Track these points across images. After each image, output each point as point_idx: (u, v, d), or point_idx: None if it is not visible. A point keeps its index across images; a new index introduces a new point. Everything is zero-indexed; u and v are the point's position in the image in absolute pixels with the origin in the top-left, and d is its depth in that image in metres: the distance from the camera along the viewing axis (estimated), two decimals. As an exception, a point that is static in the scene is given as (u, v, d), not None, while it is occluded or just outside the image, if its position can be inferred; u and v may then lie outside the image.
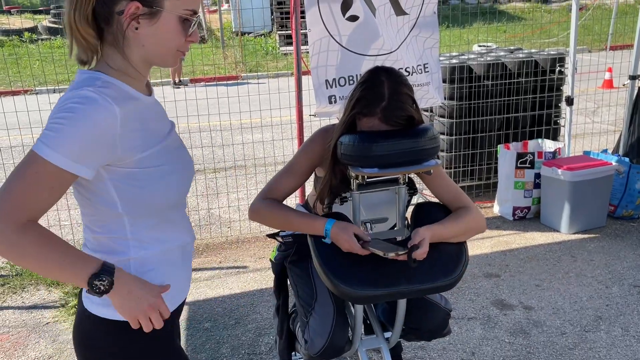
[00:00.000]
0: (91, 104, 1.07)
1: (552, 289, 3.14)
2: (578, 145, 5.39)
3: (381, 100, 1.58)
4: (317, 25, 3.33)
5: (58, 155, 1.06)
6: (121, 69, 1.19)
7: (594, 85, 8.07)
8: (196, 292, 3.27)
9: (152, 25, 1.15)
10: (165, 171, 1.22)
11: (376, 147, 1.53)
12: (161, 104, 1.37)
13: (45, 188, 1.08)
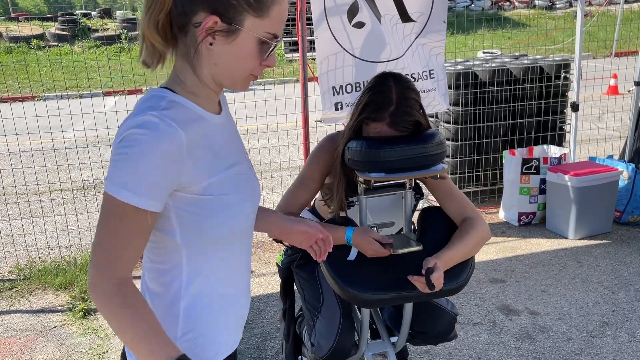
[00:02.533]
0: (155, 132, 0.98)
1: (558, 294, 3.14)
2: (583, 151, 5.39)
3: (389, 106, 1.60)
4: (326, 37, 3.35)
5: (129, 194, 0.98)
6: (191, 84, 1.10)
7: (598, 91, 8.07)
8: (203, 296, 3.29)
9: (229, 43, 1.04)
10: (230, 201, 1.11)
11: (384, 153, 1.55)
12: (235, 122, 1.26)
13: (133, 232, 1.00)
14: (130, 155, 0.97)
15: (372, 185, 1.74)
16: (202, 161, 1.07)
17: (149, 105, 1.03)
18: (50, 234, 4.25)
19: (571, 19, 18.72)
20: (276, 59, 1.13)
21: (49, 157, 6.10)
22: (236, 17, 1.02)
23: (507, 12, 20.80)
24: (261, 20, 1.04)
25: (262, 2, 1.02)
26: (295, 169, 5.52)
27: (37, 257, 3.86)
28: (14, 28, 16.58)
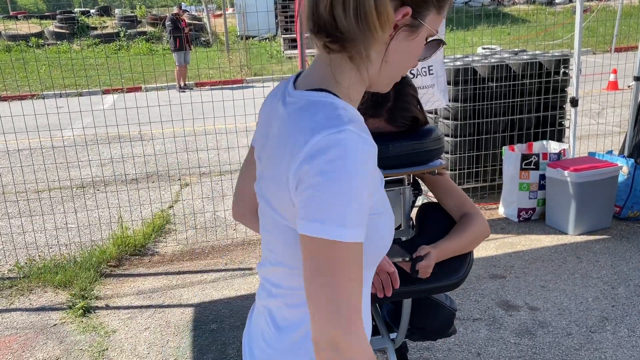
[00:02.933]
0: (354, 151, 0.82)
1: (558, 289, 3.14)
2: (583, 147, 5.39)
3: (387, 102, 1.59)
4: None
5: (352, 230, 0.82)
6: (348, 85, 0.93)
7: (598, 86, 8.06)
8: (202, 293, 3.29)
9: (409, 39, 0.91)
10: (383, 221, 0.95)
11: (381, 149, 1.55)
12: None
13: (358, 271, 0.85)
14: (339, 184, 0.80)
15: None
16: (375, 175, 0.90)
17: (329, 115, 0.85)
18: (49, 232, 4.25)
19: (570, 14, 18.67)
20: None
21: (48, 155, 6.09)
22: (423, 11, 0.90)
23: (506, 8, 20.77)
24: (438, 16, 0.92)
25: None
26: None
27: (37, 256, 3.87)
28: (13, 26, 16.55)
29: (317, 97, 0.89)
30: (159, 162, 5.92)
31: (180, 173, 5.64)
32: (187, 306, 3.17)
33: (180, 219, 4.47)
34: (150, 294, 3.34)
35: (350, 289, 0.83)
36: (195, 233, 4.18)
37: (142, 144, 6.38)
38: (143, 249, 3.94)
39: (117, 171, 5.74)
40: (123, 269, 3.69)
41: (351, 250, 0.82)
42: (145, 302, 3.24)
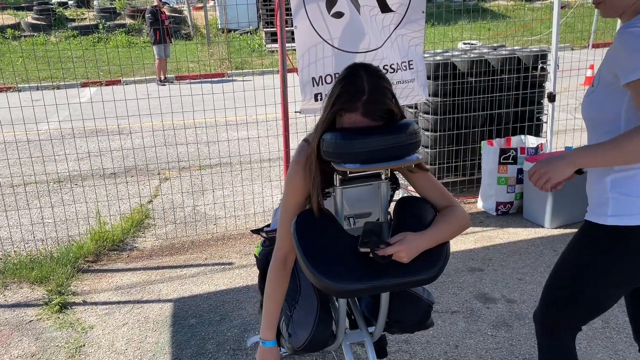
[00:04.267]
0: None
1: (535, 282, 3.19)
2: (560, 141, 5.46)
3: (362, 95, 1.59)
4: (305, 27, 3.33)
5: None
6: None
7: (576, 82, 8.17)
8: (181, 288, 3.27)
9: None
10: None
11: (358, 143, 1.55)
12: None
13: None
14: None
15: (348, 176, 1.74)
16: None
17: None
18: (25, 228, 4.18)
19: (549, 10, 18.88)
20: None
21: (23, 149, 5.98)
22: None
23: (487, 4, 20.91)
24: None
25: None
26: (275, 160, 5.50)
27: (12, 251, 3.80)
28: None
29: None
30: (138, 157, 5.85)
31: (160, 167, 5.59)
32: (166, 301, 3.14)
33: (160, 213, 4.44)
34: (128, 289, 3.30)
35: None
36: (175, 228, 4.14)
37: (120, 137, 6.30)
38: (121, 244, 3.90)
39: (95, 165, 5.67)
40: (101, 264, 3.64)
41: None
42: (124, 297, 3.21)
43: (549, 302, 1.81)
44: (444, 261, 1.72)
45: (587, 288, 1.67)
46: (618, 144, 1.46)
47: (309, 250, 1.67)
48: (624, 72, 1.46)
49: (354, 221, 1.97)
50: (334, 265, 1.64)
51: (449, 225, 1.75)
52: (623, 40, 1.46)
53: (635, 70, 1.42)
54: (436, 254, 1.71)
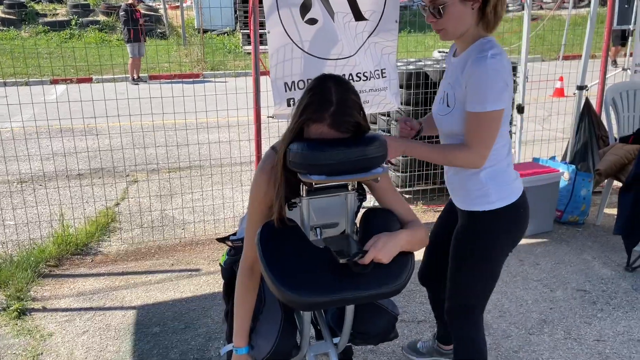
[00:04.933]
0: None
1: (500, 292, 3.22)
2: (528, 152, 5.55)
3: (329, 106, 1.58)
4: (278, 32, 3.32)
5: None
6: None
7: (546, 92, 8.33)
8: (145, 295, 3.20)
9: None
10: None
11: (324, 155, 1.54)
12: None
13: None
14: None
15: (314, 187, 1.72)
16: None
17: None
18: (-15, 229, 4.05)
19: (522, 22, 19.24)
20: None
21: (-13, 147, 5.80)
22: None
23: (462, 13, 21.16)
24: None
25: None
26: (247, 164, 5.46)
27: (-30, 254, 3.67)
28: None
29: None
30: (106, 158, 5.74)
31: (129, 169, 5.49)
32: (129, 308, 3.08)
33: (127, 217, 4.35)
34: (90, 295, 3.22)
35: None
36: (142, 232, 4.06)
37: (86, 138, 6.17)
38: (85, 248, 3.81)
39: (61, 166, 5.53)
40: (63, 269, 3.55)
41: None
42: (85, 304, 3.13)
43: (471, 295, 2.05)
44: (409, 273, 1.72)
45: (492, 265, 2.00)
46: (441, 150, 1.90)
47: (273, 262, 1.65)
48: (471, 100, 1.79)
49: (321, 232, 1.95)
50: (298, 278, 1.62)
51: (416, 234, 1.76)
52: (480, 71, 1.76)
53: (480, 102, 1.77)
54: (401, 265, 1.71)
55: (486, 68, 1.74)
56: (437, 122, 1.98)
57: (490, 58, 1.74)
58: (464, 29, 1.83)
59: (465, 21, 1.81)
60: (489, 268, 2.00)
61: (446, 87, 1.94)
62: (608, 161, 3.66)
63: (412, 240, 1.71)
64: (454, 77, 1.88)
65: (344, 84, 1.64)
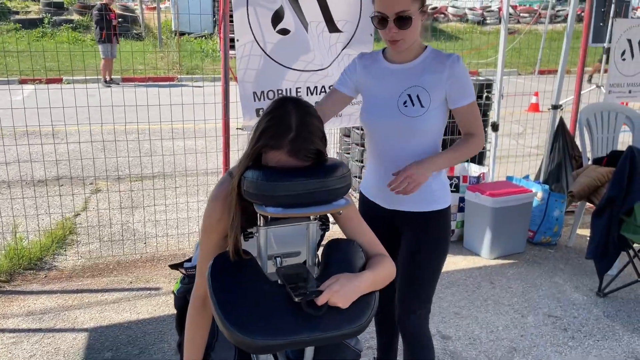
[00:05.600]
0: None
1: (470, 317, 3.13)
2: (502, 168, 5.51)
3: (289, 132, 1.46)
4: (244, 29, 3.21)
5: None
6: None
7: (521, 107, 8.36)
8: (100, 316, 3.02)
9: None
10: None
11: (281, 186, 1.41)
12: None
13: None
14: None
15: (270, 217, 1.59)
16: None
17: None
18: None
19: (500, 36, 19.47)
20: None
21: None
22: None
23: (441, 24, 21.38)
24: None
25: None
26: (214, 175, 5.30)
27: None
28: None
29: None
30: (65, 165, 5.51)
31: (95, 176, 5.28)
32: (81, 331, 2.89)
33: (86, 229, 4.15)
34: (41, 315, 3.03)
35: None
36: (100, 246, 3.87)
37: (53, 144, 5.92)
38: (40, 263, 3.60)
39: (24, 172, 5.29)
40: (14, 284, 3.34)
41: None
42: (35, 324, 2.94)
43: (431, 293, 2.10)
44: (371, 313, 1.60)
45: (442, 261, 2.09)
46: (459, 151, 1.98)
47: (224, 301, 1.51)
48: (462, 96, 1.93)
49: (281, 260, 1.82)
50: (250, 318, 1.49)
51: (382, 272, 1.65)
52: (460, 70, 1.92)
53: (470, 95, 1.94)
54: (362, 306, 1.59)
55: (462, 67, 1.93)
56: (403, 124, 1.96)
57: (459, 59, 1.94)
58: (416, 39, 1.93)
59: (417, 31, 1.92)
60: (443, 261, 2.10)
61: (407, 90, 1.96)
62: (581, 183, 3.62)
63: (376, 281, 1.59)
64: (416, 79, 1.95)
65: (305, 107, 1.52)
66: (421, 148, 1.98)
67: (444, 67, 1.92)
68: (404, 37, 1.88)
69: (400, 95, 1.96)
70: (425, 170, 1.87)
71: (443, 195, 2.05)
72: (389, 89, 1.99)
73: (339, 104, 2.14)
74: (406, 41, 1.90)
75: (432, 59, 1.96)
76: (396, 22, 1.84)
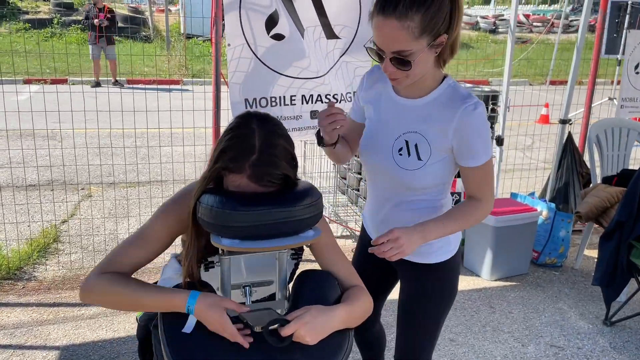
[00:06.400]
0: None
1: (467, 344, 2.94)
2: (507, 183, 5.31)
3: (250, 154, 1.29)
4: (236, 33, 3.08)
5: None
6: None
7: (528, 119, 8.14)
8: (74, 333, 2.87)
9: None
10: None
11: (237, 215, 1.24)
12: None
13: None
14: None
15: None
16: None
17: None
18: None
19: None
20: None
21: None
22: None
23: (452, 32, 21.15)
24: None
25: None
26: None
27: None
28: None
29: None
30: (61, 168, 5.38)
31: (87, 180, 5.14)
32: (52, 348, 2.74)
33: (72, 237, 4.00)
34: (13, 330, 2.88)
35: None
36: (82, 256, 3.72)
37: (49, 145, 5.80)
38: (19, 272, 3.46)
39: (15, 175, 5.16)
40: (-11, 296, 3.20)
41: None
42: (5, 340, 2.79)
43: (430, 353, 1.88)
44: (344, 356, 1.43)
45: (447, 313, 1.85)
46: (459, 221, 1.62)
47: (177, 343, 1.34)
48: (474, 155, 1.56)
49: (250, 290, 1.65)
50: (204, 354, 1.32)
51: (358, 307, 1.47)
52: (476, 122, 1.53)
53: (485, 154, 1.56)
54: (334, 345, 1.41)
55: (477, 119, 1.53)
56: (396, 175, 1.65)
57: (478, 106, 1.53)
58: (424, 73, 1.55)
59: (428, 65, 1.52)
60: (445, 317, 1.85)
61: (405, 134, 1.61)
62: (589, 204, 3.42)
63: (350, 318, 1.42)
64: (419, 124, 1.59)
65: (272, 125, 1.35)
66: (422, 203, 1.69)
67: (453, 116, 1.53)
68: (406, 75, 1.51)
69: (397, 139, 1.62)
70: (413, 243, 1.53)
71: (444, 245, 1.73)
72: (387, 126, 1.66)
73: (357, 132, 1.81)
74: (409, 78, 1.53)
75: (446, 99, 1.56)
76: (393, 62, 1.47)
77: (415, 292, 1.80)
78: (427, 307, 1.79)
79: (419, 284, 1.79)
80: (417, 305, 1.79)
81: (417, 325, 1.82)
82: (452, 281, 1.79)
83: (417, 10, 1.39)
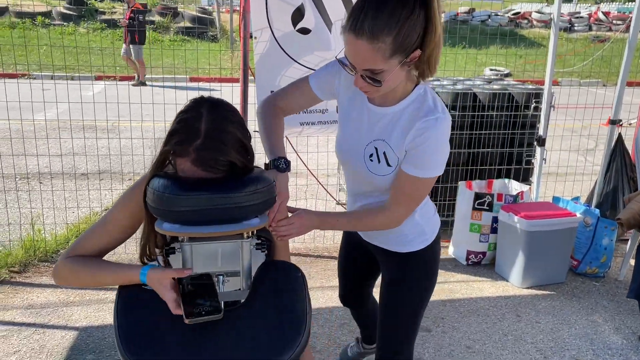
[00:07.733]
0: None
1: (483, 352, 2.79)
2: (560, 186, 5.01)
3: (196, 138, 1.28)
4: (267, 42, 3.14)
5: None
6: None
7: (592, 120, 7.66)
8: (94, 315, 2.98)
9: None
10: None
11: (177, 200, 1.23)
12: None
13: None
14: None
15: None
16: None
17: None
18: (-33, 226, 3.98)
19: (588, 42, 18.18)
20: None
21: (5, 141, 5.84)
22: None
23: (523, 30, 20.32)
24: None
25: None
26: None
27: None
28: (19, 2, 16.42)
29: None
30: (114, 160, 5.64)
31: (133, 173, 5.36)
32: (71, 329, 2.86)
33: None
34: (39, 309, 3.04)
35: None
36: (115, 243, 3.86)
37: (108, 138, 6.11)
38: (55, 255, 3.65)
39: (69, 165, 5.46)
40: (25, 276, 3.40)
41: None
42: (29, 318, 2.95)
43: (411, 340, 1.92)
44: (297, 348, 1.38)
45: (427, 301, 1.90)
46: (356, 220, 1.73)
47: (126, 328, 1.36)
48: (415, 165, 1.57)
49: (223, 279, 1.64)
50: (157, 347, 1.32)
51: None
52: (432, 136, 1.53)
53: (427, 168, 1.57)
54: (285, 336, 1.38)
55: (437, 133, 1.53)
56: (368, 179, 1.70)
57: (441, 120, 1.53)
58: (396, 86, 1.54)
59: (399, 79, 1.51)
60: (425, 305, 1.90)
61: (375, 141, 1.64)
62: (631, 210, 3.15)
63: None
64: (386, 133, 1.62)
65: (223, 110, 1.33)
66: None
67: (412, 126, 1.54)
68: (377, 90, 1.50)
69: (368, 146, 1.65)
70: (306, 228, 1.57)
71: (419, 235, 1.80)
72: (360, 132, 1.67)
73: (308, 99, 1.79)
74: (380, 92, 1.53)
75: (414, 109, 1.57)
76: (364, 77, 1.46)
77: (391, 279, 1.87)
78: (405, 295, 1.85)
79: (396, 271, 1.86)
80: (394, 294, 1.86)
81: (396, 314, 1.87)
82: (428, 270, 1.85)
83: (389, 32, 1.37)
